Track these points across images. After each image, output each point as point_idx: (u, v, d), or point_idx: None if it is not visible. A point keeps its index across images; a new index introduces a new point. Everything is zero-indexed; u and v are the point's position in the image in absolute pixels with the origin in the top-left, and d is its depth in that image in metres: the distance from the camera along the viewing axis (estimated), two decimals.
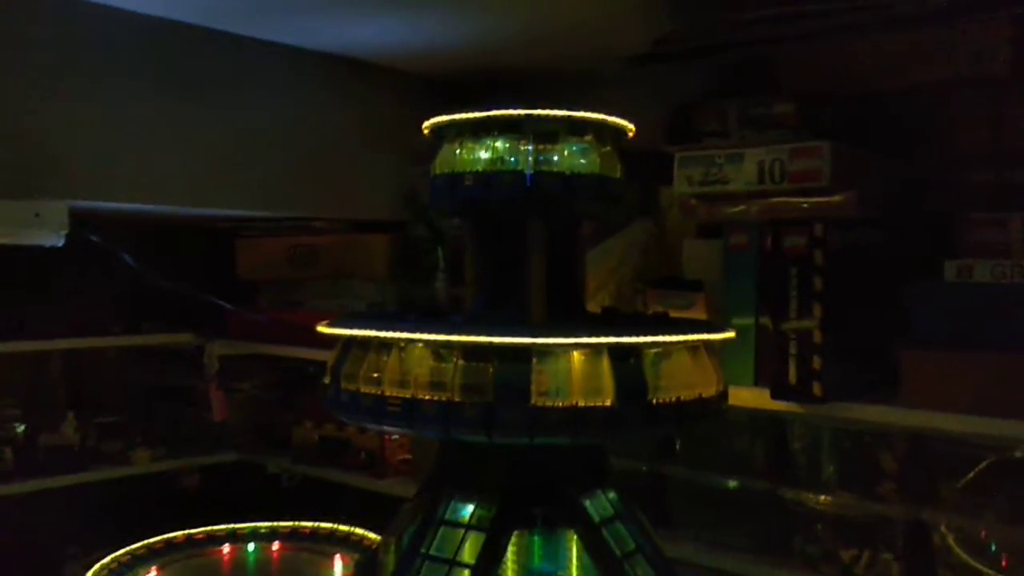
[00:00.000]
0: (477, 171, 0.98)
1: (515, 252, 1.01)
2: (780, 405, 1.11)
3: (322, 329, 0.99)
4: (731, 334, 0.94)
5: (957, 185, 1.17)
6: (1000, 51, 1.11)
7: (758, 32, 1.17)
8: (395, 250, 1.74)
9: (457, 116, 1.01)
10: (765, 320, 1.14)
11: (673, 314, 1.25)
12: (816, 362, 1.07)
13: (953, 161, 1.16)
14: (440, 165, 1.03)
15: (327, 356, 0.99)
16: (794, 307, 1.09)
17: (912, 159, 1.19)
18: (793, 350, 1.08)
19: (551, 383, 0.86)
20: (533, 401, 0.86)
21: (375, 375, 0.92)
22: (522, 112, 0.97)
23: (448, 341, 0.88)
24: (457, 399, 0.87)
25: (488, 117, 0.98)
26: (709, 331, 0.94)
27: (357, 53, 1.62)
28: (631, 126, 0.99)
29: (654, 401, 0.89)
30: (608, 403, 0.87)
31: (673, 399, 0.90)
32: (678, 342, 0.91)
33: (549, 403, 0.86)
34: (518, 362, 0.87)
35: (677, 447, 1.39)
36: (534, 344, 0.87)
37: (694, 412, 0.92)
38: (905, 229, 1.17)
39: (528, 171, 0.96)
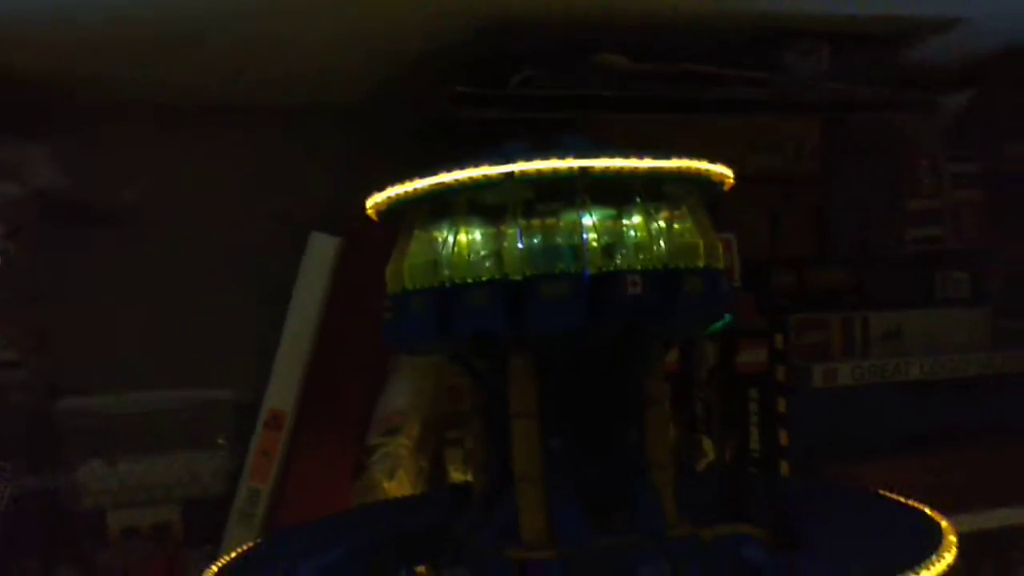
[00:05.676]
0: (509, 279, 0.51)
1: (603, 411, 0.57)
2: None
3: None
4: None
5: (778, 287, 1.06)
6: (814, 151, 1.05)
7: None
8: None
9: (448, 177, 0.53)
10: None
11: None
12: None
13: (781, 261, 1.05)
14: (415, 272, 0.54)
15: None
16: (755, 437, 0.84)
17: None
18: None
19: None
20: None
21: None
22: (577, 164, 0.52)
23: None
24: None
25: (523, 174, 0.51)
26: None
27: None
28: (730, 175, 0.60)
29: None
30: None
31: None
32: None
33: None
34: None
35: None
36: None
37: None
38: None
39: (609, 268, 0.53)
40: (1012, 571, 1.09)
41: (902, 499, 0.62)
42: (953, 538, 0.51)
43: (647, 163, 0.51)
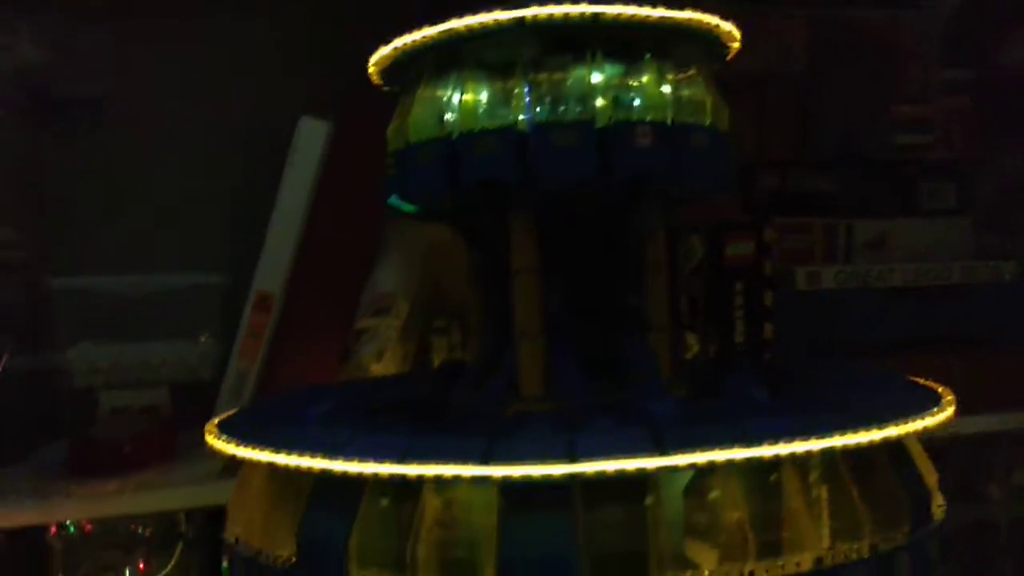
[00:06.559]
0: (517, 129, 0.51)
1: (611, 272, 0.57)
2: None
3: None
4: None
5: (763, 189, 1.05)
6: (797, 49, 1.03)
7: None
8: None
9: (459, 23, 0.52)
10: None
11: None
12: None
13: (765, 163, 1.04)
14: (420, 126, 0.53)
15: None
16: (740, 329, 0.85)
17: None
18: None
19: None
20: None
21: None
22: (590, 10, 0.50)
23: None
24: None
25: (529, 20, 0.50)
26: None
27: None
28: (737, 37, 0.59)
29: None
30: None
31: None
32: None
33: None
34: None
35: None
36: None
37: None
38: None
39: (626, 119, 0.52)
40: (990, 476, 1.12)
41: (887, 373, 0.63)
42: (951, 397, 0.52)
43: (660, 12, 0.51)
